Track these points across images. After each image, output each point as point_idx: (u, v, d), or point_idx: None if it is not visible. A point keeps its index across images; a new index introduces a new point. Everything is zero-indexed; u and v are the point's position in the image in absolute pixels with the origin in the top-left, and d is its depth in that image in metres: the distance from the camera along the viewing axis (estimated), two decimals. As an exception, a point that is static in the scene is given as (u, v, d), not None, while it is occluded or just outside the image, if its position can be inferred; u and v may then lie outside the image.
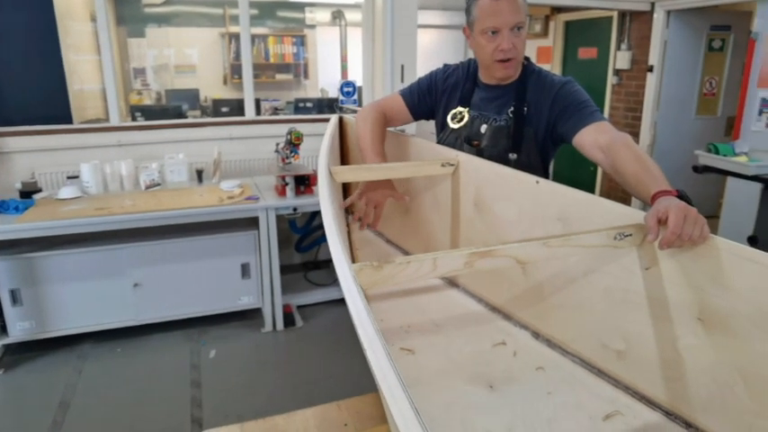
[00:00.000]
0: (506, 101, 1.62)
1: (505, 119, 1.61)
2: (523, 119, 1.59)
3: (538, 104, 1.58)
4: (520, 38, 1.52)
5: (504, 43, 1.50)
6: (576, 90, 1.55)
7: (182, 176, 3.53)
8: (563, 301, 1.25)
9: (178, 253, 3.11)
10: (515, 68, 1.59)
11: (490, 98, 1.65)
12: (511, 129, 1.60)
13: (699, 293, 1.00)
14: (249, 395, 2.66)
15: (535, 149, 1.60)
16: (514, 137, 1.60)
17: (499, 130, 1.61)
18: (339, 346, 3.09)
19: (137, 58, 5.96)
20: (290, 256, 3.99)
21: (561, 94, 1.54)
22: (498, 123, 1.62)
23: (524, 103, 1.59)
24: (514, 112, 1.60)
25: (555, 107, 1.54)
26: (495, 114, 1.63)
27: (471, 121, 1.67)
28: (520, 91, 1.60)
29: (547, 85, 1.58)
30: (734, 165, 3.11)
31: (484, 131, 1.64)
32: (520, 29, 1.51)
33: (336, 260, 0.91)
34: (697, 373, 1.02)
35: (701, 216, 1.00)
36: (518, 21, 1.49)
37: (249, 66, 3.91)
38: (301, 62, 6.54)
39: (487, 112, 1.65)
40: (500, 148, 1.61)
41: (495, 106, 1.64)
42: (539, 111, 1.58)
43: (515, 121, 1.59)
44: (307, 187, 3.20)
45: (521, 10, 1.49)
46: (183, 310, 3.20)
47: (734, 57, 5.23)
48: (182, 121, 3.99)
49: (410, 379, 1.15)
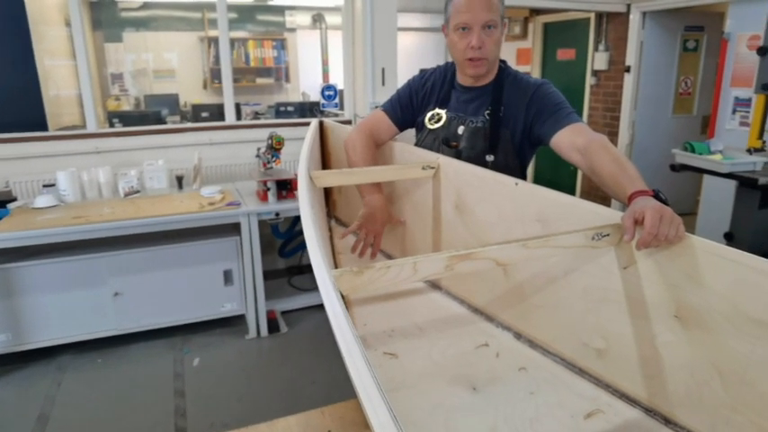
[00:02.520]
0: (483, 102, 1.63)
1: (482, 120, 1.62)
2: (500, 120, 1.59)
3: (514, 106, 1.58)
4: (491, 37, 1.52)
5: (474, 40, 1.50)
6: (552, 92, 1.56)
7: (161, 183, 3.49)
8: (544, 301, 1.26)
9: (159, 261, 3.07)
10: (486, 68, 1.58)
11: (467, 100, 1.66)
12: (487, 130, 1.61)
13: (675, 291, 1.02)
14: (234, 403, 2.64)
15: (512, 151, 1.61)
16: (491, 138, 1.60)
17: (476, 131, 1.62)
18: (324, 352, 3.08)
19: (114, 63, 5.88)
20: (274, 261, 3.97)
21: (537, 96, 1.55)
22: (475, 125, 1.63)
23: (501, 104, 1.60)
24: (491, 113, 1.60)
25: (531, 109, 1.55)
26: (472, 116, 1.64)
27: (449, 122, 1.67)
28: (496, 92, 1.61)
29: (522, 87, 1.59)
30: (709, 163, 3.17)
31: (461, 133, 1.65)
32: (491, 28, 1.51)
33: (316, 266, 0.91)
34: (675, 370, 1.03)
35: (677, 216, 1.01)
36: (489, 19, 1.49)
37: (229, 70, 3.88)
38: (282, 66, 6.51)
39: (464, 113, 1.66)
40: (477, 150, 1.62)
41: (472, 108, 1.65)
42: (515, 112, 1.58)
43: (492, 123, 1.60)
44: (289, 192, 3.18)
45: (494, 9, 1.50)
46: (166, 318, 3.16)
47: (707, 57, 5.33)
48: (161, 127, 3.94)
49: (394, 383, 1.15)
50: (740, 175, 3.02)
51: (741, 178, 3.02)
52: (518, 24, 6.50)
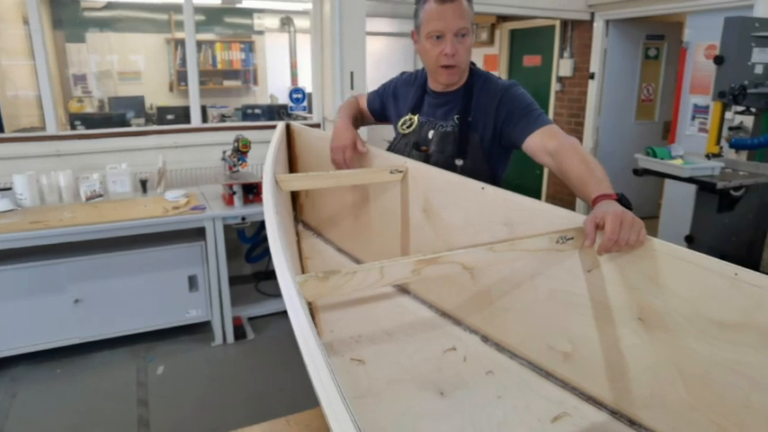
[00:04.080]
0: (453, 107, 1.63)
1: (452, 125, 1.62)
2: (468, 125, 1.59)
3: (484, 110, 1.58)
4: (464, 45, 1.52)
5: (447, 48, 1.50)
6: (521, 93, 1.56)
7: (125, 187, 3.39)
8: (510, 304, 1.27)
9: (122, 266, 2.99)
10: (459, 75, 1.59)
11: (438, 104, 1.66)
12: (456, 134, 1.61)
13: (638, 294, 1.03)
14: (199, 412, 2.57)
15: (482, 155, 1.60)
16: (460, 143, 1.60)
17: (446, 135, 1.62)
18: (292, 358, 3.03)
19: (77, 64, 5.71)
20: (240, 266, 3.90)
21: (506, 99, 1.54)
22: (445, 129, 1.63)
23: (470, 108, 1.60)
24: (460, 118, 1.60)
25: (500, 112, 1.54)
26: (442, 120, 1.64)
27: (420, 126, 1.68)
28: (466, 97, 1.61)
29: (491, 90, 1.58)
30: (670, 167, 3.25)
31: (431, 137, 1.65)
32: (464, 36, 1.51)
33: (279, 272, 0.88)
34: (639, 372, 1.05)
35: (639, 220, 1.02)
36: (462, 26, 1.49)
37: (195, 72, 3.81)
38: (250, 68, 6.43)
39: (435, 118, 1.66)
40: (446, 154, 1.62)
41: (442, 112, 1.65)
42: (484, 116, 1.58)
43: (460, 127, 1.60)
44: (255, 196, 3.13)
45: (465, 16, 1.49)
46: (128, 325, 3.07)
47: (668, 65, 5.49)
48: (124, 130, 3.84)
49: (360, 390, 1.13)
50: (700, 179, 3.11)
51: (700, 183, 3.11)
52: (485, 31, 6.58)
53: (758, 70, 3.17)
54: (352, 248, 1.81)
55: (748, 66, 3.15)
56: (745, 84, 3.10)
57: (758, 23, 3.13)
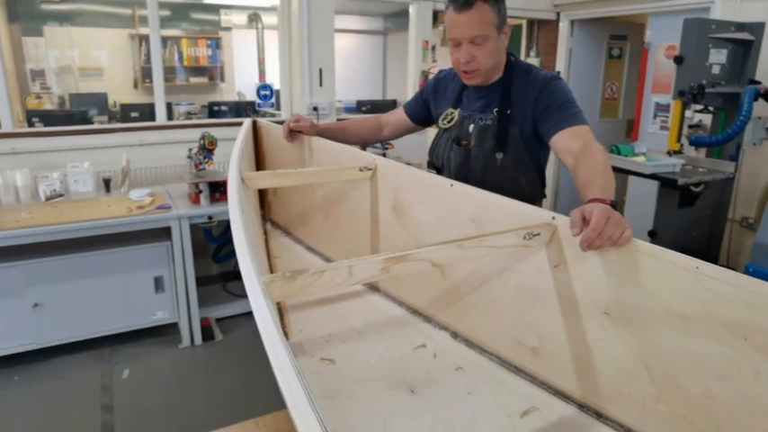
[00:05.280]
0: (492, 100, 1.61)
1: (491, 118, 1.60)
2: (508, 118, 1.57)
3: (523, 103, 1.56)
4: (482, 50, 1.51)
5: (462, 56, 1.51)
6: (560, 87, 1.54)
7: (87, 186, 3.29)
8: (479, 300, 1.27)
9: (84, 268, 2.89)
10: (480, 78, 1.58)
11: (477, 98, 1.65)
12: (496, 128, 1.59)
13: (604, 289, 1.05)
14: (167, 415, 2.51)
15: (523, 148, 1.58)
16: (499, 136, 1.58)
17: (485, 129, 1.61)
18: (261, 359, 2.96)
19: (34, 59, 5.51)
20: (208, 267, 3.83)
21: (545, 93, 1.53)
22: (484, 123, 1.61)
23: (509, 101, 1.58)
24: (499, 111, 1.59)
25: (538, 106, 1.53)
26: (481, 114, 1.63)
27: (461, 121, 1.67)
28: (505, 90, 1.59)
29: (531, 83, 1.57)
30: (634, 164, 3.32)
31: (471, 131, 1.64)
32: (481, 43, 1.50)
33: (245, 272, 0.86)
34: (606, 365, 1.06)
35: (626, 221, 1.02)
36: (477, 34, 1.48)
37: (160, 69, 3.72)
38: (217, 65, 6.33)
39: (474, 111, 1.65)
40: (486, 148, 1.60)
41: (481, 106, 1.64)
42: (524, 109, 1.56)
43: (500, 121, 1.58)
44: (222, 194, 3.07)
45: (483, 23, 1.48)
46: (92, 329, 2.98)
47: (631, 64, 5.62)
48: (86, 127, 3.72)
49: (330, 390, 1.12)
50: (662, 176, 3.19)
51: (662, 179, 3.20)
52: (455, 29, 6.62)
53: (715, 70, 3.27)
54: (322, 247, 1.80)
55: (706, 66, 3.24)
56: (704, 83, 3.19)
57: (714, 25, 3.23)
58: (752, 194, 3.68)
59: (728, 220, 3.66)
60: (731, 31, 3.22)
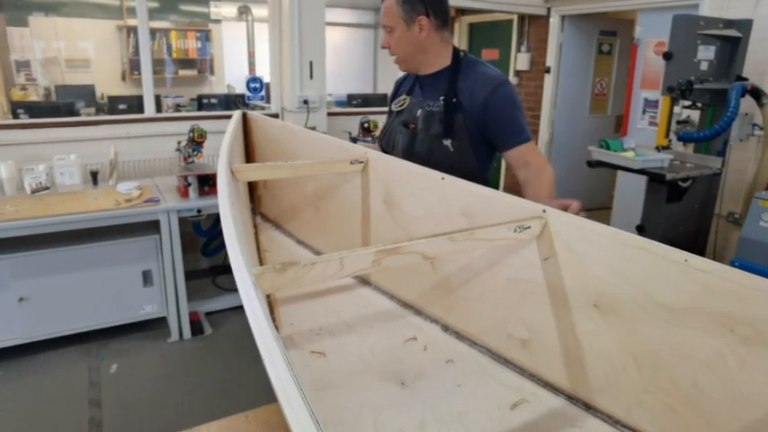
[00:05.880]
0: (439, 89, 1.70)
1: (438, 105, 1.69)
2: (454, 106, 1.66)
3: (471, 95, 1.64)
4: (392, 38, 1.68)
5: (383, 41, 1.72)
6: (511, 96, 1.66)
7: (74, 179, 3.25)
8: (469, 293, 1.27)
9: (71, 262, 2.86)
10: (403, 64, 1.74)
11: (427, 86, 1.75)
12: (442, 114, 1.67)
13: (593, 281, 1.05)
14: (155, 410, 2.50)
15: (466, 135, 1.66)
16: (445, 122, 1.66)
17: (431, 114, 1.69)
18: (250, 353, 2.97)
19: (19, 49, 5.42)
20: (197, 260, 3.81)
21: (497, 98, 1.63)
22: (431, 108, 1.70)
23: (455, 91, 1.66)
24: (445, 99, 1.67)
25: (489, 110, 1.63)
26: (430, 100, 1.72)
27: (411, 106, 1.77)
28: (451, 79, 1.68)
29: (480, 79, 1.66)
30: (622, 159, 3.34)
31: (419, 115, 1.73)
32: (391, 31, 1.67)
33: (235, 264, 0.86)
34: (595, 357, 1.07)
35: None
36: (386, 23, 1.68)
37: (148, 60, 3.68)
38: (206, 58, 6.27)
39: (423, 98, 1.75)
40: (432, 133, 1.68)
41: (430, 93, 1.73)
42: (471, 101, 1.64)
43: (446, 108, 1.66)
44: (211, 187, 3.05)
45: (389, 14, 1.66)
46: (79, 323, 2.95)
47: (620, 60, 5.65)
48: (72, 119, 3.67)
49: (321, 382, 1.12)
50: (650, 171, 3.21)
51: (651, 174, 3.22)
52: (445, 23, 6.60)
53: (703, 67, 3.30)
54: (313, 240, 1.79)
55: (694, 62, 3.26)
56: (692, 79, 3.21)
57: (703, 22, 3.25)
58: (738, 190, 3.73)
59: (715, 215, 3.69)
60: (719, 28, 3.24)
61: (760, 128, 3.46)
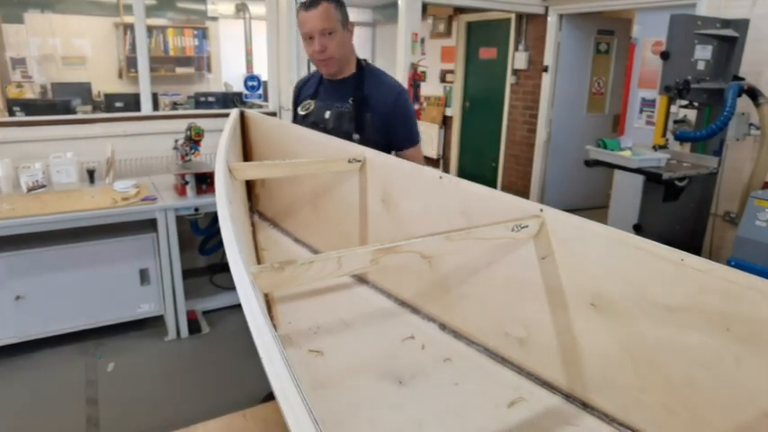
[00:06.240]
0: (346, 92, 1.93)
1: (347, 106, 1.91)
2: (362, 106, 1.90)
3: (376, 97, 1.91)
4: (332, 40, 1.82)
5: (317, 45, 1.81)
6: (410, 103, 1.99)
7: (70, 177, 3.24)
8: (467, 292, 1.28)
9: (68, 260, 2.86)
10: (337, 66, 1.90)
11: (333, 90, 1.97)
12: (352, 113, 1.90)
13: (590, 280, 1.06)
14: (153, 409, 2.50)
15: (374, 131, 1.90)
16: (356, 120, 1.89)
17: (342, 114, 1.92)
18: (248, 352, 2.97)
19: (15, 46, 5.40)
20: (194, 259, 3.80)
21: (401, 103, 1.92)
22: (340, 109, 1.93)
23: (363, 93, 1.91)
24: (354, 99, 1.90)
25: (393, 114, 1.90)
26: (338, 102, 1.94)
27: (317, 109, 1.99)
28: (358, 84, 1.93)
29: (384, 84, 1.95)
30: (619, 159, 3.35)
31: (327, 116, 1.95)
32: (331, 33, 1.81)
33: (232, 262, 0.86)
34: (591, 356, 1.07)
35: None
36: (325, 27, 1.80)
37: (145, 58, 3.67)
38: (204, 55, 6.26)
39: (331, 100, 1.97)
40: (343, 130, 1.89)
41: (338, 96, 1.95)
42: (377, 102, 1.90)
43: (356, 107, 1.90)
44: (209, 186, 3.05)
45: (328, 18, 1.80)
46: (76, 322, 2.95)
47: (618, 59, 5.66)
48: (69, 117, 3.67)
49: (318, 381, 1.12)
50: (647, 170, 3.22)
51: (648, 173, 3.23)
52: (443, 22, 6.60)
53: (700, 66, 3.31)
54: (310, 239, 1.79)
55: (691, 62, 3.27)
56: (689, 79, 3.22)
57: (700, 21, 3.25)
58: (734, 189, 3.74)
59: (711, 214, 3.71)
60: (716, 28, 3.25)
61: (756, 127, 3.47)
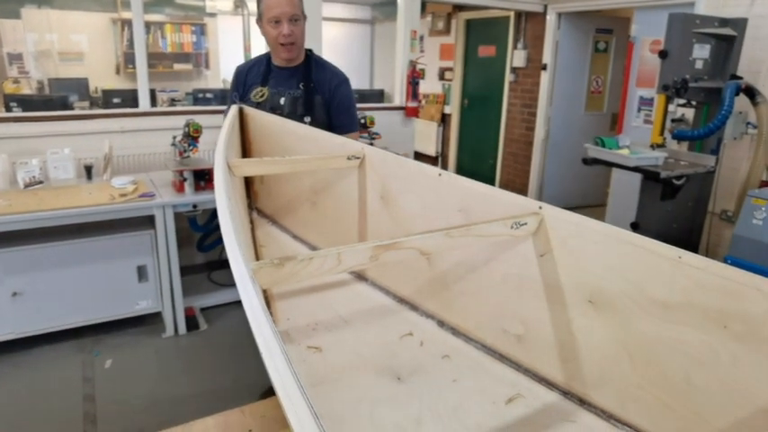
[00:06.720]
0: (297, 79, 2.13)
1: (299, 91, 2.12)
2: (311, 90, 2.11)
3: (322, 82, 2.13)
4: (298, 27, 2.03)
5: (285, 30, 1.98)
6: (352, 92, 2.20)
7: (68, 173, 3.23)
8: (465, 289, 1.28)
9: (65, 257, 2.85)
10: (297, 52, 2.09)
11: (283, 77, 2.14)
12: (303, 98, 2.10)
13: (589, 277, 1.06)
14: (150, 406, 2.50)
15: (323, 112, 2.12)
16: (306, 103, 2.10)
17: (295, 99, 2.12)
18: (246, 349, 2.99)
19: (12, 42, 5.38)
20: (192, 256, 3.80)
21: (342, 90, 2.14)
22: (294, 95, 2.12)
23: (311, 78, 2.12)
24: (304, 85, 2.11)
25: (336, 95, 2.12)
26: (290, 89, 2.12)
27: (271, 96, 2.13)
28: (306, 71, 2.13)
29: (329, 71, 2.15)
30: (617, 157, 3.36)
31: (283, 102, 2.12)
32: (297, 20, 2.01)
33: (232, 258, 0.86)
34: (589, 353, 1.08)
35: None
36: (294, 13, 1.99)
37: (143, 54, 3.66)
38: (202, 52, 6.24)
39: (283, 87, 2.14)
40: (298, 113, 2.08)
41: (288, 83, 2.13)
42: (323, 86, 2.12)
43: (306, 92, 2.10)
44: (207, 182, 3.04)
45: (296, 6, 2.00)
46: (73, 318, 2.94)
47: (616, 58, 5.67)
48: (66, 113, 3.65)
49: (317, 377, 1.12)
50: (645, 168, 3.23)
51: (645, 172, 3.24)
52: (441, 20, 6.60)
53: (698, 65, 3.31)
54: (309, 236, 1.79)
55: (689, 61, 3.28)
56: (687, 78, 3.23)
57: (699, 20, 3.26)
58: (731, 188, 3.75)
59: (708, 212, 3.72)
60: (714, 27, 3.26)
61: (754, 126, 3.48)
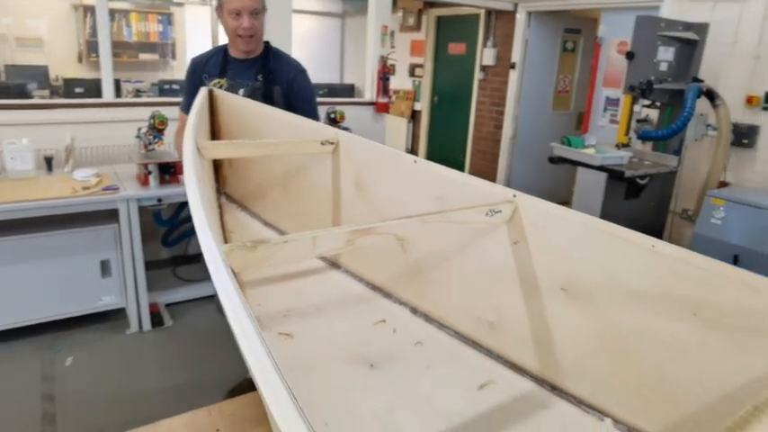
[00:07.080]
0: (255, 70, 2.14)
1: (258, 83, 2.13)
2: (271, 81, 2.13)
3: (280, 73, 2.15)
4: (258, 20, 2.04)
5: (245, 23, 1.99)
6: (310, 82, 2.23)
7: (26, 164, 3.10)
8: (439, 276, 1.28)
9: (25, 251, 2.73)
10: (256, 44, 2.10)
11: (242, 69, 2.15)
12: (263, 89, 2.11)
13: (562, 265, 1.07)
14: (113, 405, 2.42)
15: (283, 103, 2.11)
16: (266, 95, 2.11)
17: (254, 90, 2.12)
18: (213, 346, 2.92)
19: (-37, 26, 5.14)
20: (157, 250, 3.70)
21: (300, 80, 2.17)
22: (253, 86, 2.13)
23: (270, 70, 2.13)
24: (263, 76, 2.12)
25: (293, 89, 2.14)
26: (248, 80, 2.13)
27: (230, 87, 2.11)
28: (265, 62, 2.15)
29: (286, 62, 2.18)
30: (583, 156, 3.42)
31: (242, 94, 2.09)
32: (257, 14, 2.02)
33: (203, 241, 0.83)
34: (562, 341, 1.09)
35: None
36: (255, 7, 2.00)
37: (107, 42, 3.55)
38: (168, 42, 6.09)
39: (241, 79, 2.14)
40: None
41: (247, 75, 2.14)
42: (281, 77, 2.14)
43: (265, 83, 2.12)
44: (172, 176, 2.97)
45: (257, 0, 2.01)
46: (32, 314, 2.82)
47: (584, 58, 5.78)
48: (24, 102, 3.51)
49: (289, 364, 1.09)
50: (610, 168, 3.30)
51: (610, 171, 3.31)
52: (412, 16, 6.60)
53: (663, 67, 3.41)
54: (280, 222, 1.76)
55: (654, 62, 3.37)
56: (652, 79, 3.31)
57: (664, 23, 3.35)
58: (692, 188, 3.87)
59: (670, 211, 3.83)
60: (679, 30, 3.35)
61: (714, 128, 3.60)
